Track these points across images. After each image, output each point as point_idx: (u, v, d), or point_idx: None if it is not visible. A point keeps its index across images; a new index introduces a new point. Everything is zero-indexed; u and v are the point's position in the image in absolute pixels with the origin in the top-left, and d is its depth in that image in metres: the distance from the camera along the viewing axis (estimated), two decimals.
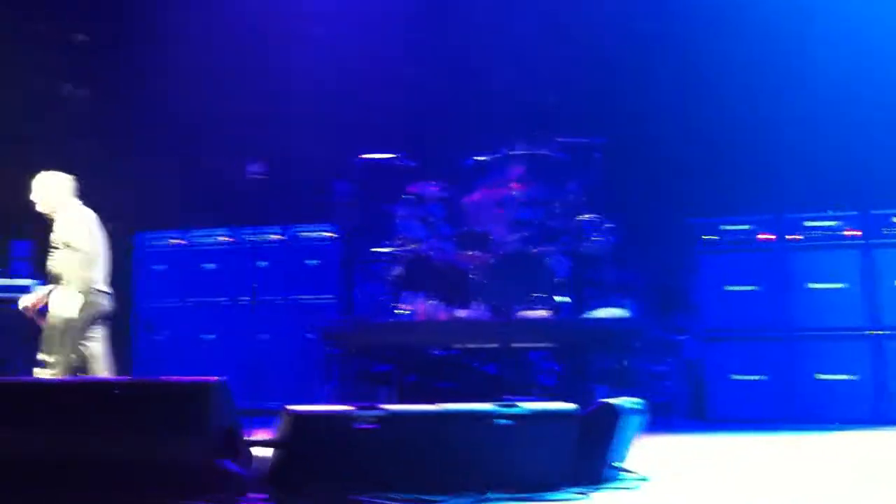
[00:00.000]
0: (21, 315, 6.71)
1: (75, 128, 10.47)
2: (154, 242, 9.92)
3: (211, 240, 9.77)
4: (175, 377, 4.44)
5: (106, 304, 6.67)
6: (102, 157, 10.17)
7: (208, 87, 10.24)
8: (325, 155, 9.57)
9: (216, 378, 4.17)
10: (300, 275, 9.39)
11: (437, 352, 8.51)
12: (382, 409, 4.13)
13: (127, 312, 9.84)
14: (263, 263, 9.26)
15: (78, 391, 4.37)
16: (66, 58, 11.13)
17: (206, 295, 9.62)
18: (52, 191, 6.65)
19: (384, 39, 10.07)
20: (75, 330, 6.43)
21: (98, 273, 6.60)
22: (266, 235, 9.47)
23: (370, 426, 4.06)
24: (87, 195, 9.68)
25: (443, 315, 8.17)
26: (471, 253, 8.46)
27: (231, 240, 9.70)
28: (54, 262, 6.56)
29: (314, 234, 9.50)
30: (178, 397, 4.18)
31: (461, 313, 8.14)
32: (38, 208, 6.65)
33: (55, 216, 6.63)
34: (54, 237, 6.57)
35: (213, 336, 9.52)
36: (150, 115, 10.59)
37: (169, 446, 4.03)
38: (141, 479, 3.96)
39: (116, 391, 4.18)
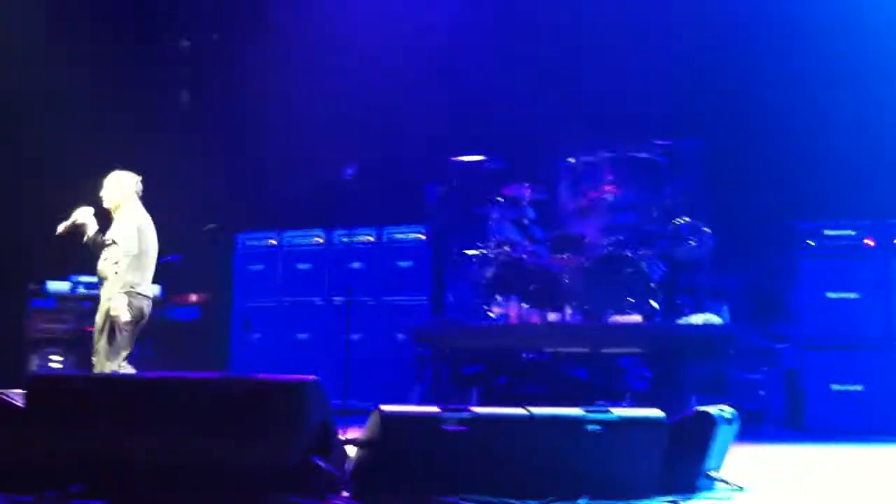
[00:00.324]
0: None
1: (179, 130, 10.78)
2: (251, 243, 10.13)
3: (306, 240, 9.93)
4: (271, 375, 4.51)
5: (147, 306, 6.64)
6: (205, 160, 10.46)
7: (304, 90, 10.41)
8: (417, 157, 9.64)
9: (311, 376, 4.23)
10: (392, 276, 9.46)
11: (528, 355, 8.48)
12: (471, 412, 4.13)
13: (227, 311, 10.11)
14: (356, 264, 9.37)
15: (174, 387, 4.47)
16: (171, 63, 11.49)
17: (300, 295, 9.78)
18: (116, 189, 6.67)
19: (475, 41, 10.08)
20: (117, 329, 6.46)
21: (141, 276, 6.56)
22: (359, 237, 9.57)
23: (459, 428, 4.07)
24: (190, 195, 10.02)
25: (535, 318, 8.13)
26: (564, 256, 8.41)
27: (325, 241, 9.83)
28: (102, 261, 6.60)
29: (407, 236, 9.56)
30: (274, 395, 4.25)
31: (553, 317, 8.10)
32: (104, 205, 6.69)
33: (114, 215, 6.67)
34: (107, 235, 6.61)
35: (306, 335, 9.68)
36: (248, 118, 10.83)
37: (264, 443, 4.10)
38: (235, 475, 4.04)
39: (214, 388, 4.27)
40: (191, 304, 10.28)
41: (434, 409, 4.16)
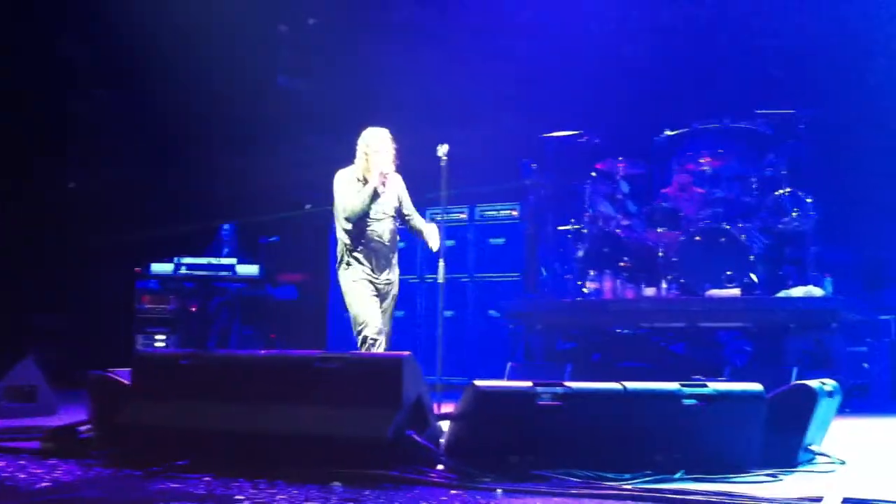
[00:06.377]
0: None
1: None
2: None
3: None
4: (367, 352, 4.57)
5: None
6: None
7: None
8: (510, 134, 9.59)
9: (406, 353, 4.27)
10: (485, 253, 9.51)
11: (623, 330, 8.41)
12: (565, 387, 4.11)
13: (324, 290, 10.27)
14: (450, 242, 9.41)
15: (274, 364, 4.57)
16: None
17: None
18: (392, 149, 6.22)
19: (566, 16, 9.95)
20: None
21: None
22: (452, 214, 9.60)
23: (553, 403, 4.06)
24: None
25: (629, 293, 8.05)
26: (659, 230, 8.29)
27: None
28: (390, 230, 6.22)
29: (499, 213, 9.57)
30: (370, 371, 4.31)
31: (648, 291, 8.00)
32: (391, 168, 6.17)
33: (393, 178, 6.24)
34: (388, 203, 6.18)
35: (401, 313, 9.77)
36: None
37: (361, 418, 4.15)
38: (334, 450, 4.11)
39: (313, 365, 4.35)
40: (289, 283, 10.48)
41: (528, 384, 4.16)
